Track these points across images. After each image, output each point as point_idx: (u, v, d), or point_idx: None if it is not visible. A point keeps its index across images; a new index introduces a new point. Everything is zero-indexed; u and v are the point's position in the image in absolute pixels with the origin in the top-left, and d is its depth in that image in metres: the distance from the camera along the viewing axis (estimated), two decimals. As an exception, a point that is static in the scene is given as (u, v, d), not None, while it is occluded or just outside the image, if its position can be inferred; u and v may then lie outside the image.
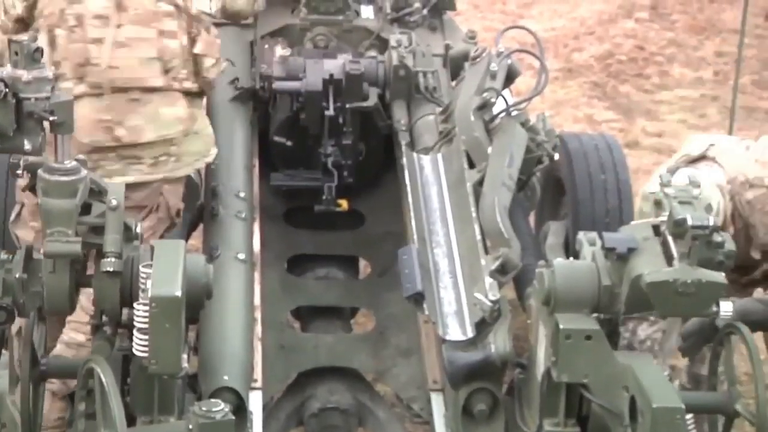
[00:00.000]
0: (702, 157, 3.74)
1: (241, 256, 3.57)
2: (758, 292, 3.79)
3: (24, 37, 2.96)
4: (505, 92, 3.98)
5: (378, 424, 3.50)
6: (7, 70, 2.81)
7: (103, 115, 3.74)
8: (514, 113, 3.84)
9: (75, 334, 3.49)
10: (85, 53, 3.71)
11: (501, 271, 3.20)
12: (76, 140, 3.60)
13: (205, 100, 4.22)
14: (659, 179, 2.84)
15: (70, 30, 3.72)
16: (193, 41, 3.91)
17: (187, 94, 3.89)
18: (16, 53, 2.84)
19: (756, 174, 3.61)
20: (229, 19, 4.40)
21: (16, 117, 2.78)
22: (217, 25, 4.36)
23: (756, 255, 3.67)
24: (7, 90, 2.75)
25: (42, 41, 3.53)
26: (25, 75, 2.78)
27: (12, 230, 3.77)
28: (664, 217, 2.75)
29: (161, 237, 3.69)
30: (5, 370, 2.82)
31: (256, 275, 3.63)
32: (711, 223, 2.66)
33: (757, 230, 3.62)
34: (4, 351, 2.98)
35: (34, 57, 2.83)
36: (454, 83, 4.20)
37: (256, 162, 4.15)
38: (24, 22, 3.78)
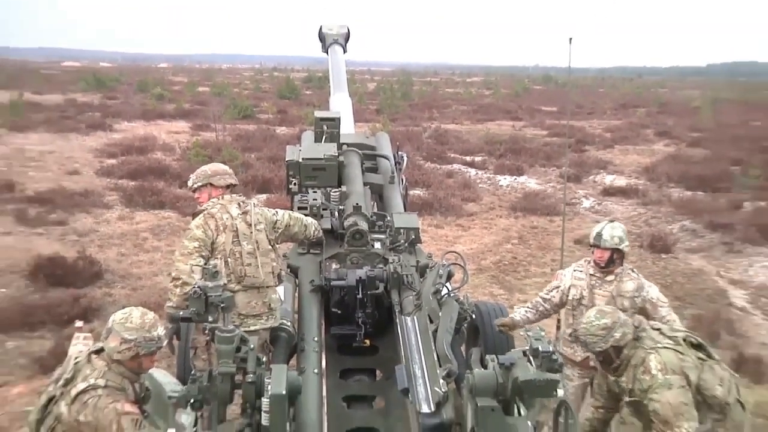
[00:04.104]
0: None
1: (316, 371, 3.50)
2: None
3: (208, 265, 3.04)
4: (448, 284, 3.99)
5: None
6: (201, 282, 2.91)
7: (249, 299, 3.75)
8: (452, 295, 3.84)
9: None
10: (243, 271, 3.73)
11: (447, 376, 3.18)
12: (238, 311, 3.64)
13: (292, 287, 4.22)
14: (525, 336, 2.83)
15: (235, 259, 3.73)
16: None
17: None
18: (205, 273, 2.95)
19: None
20: (289, 240, 4.28)
21: (204, 305, 2.87)
22: (302, 254, 4.37)
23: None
24: (201, 292, 2.85)
25: (219, 264, 3.60)
26: (210, 284, 2.87)
27: (192, 362, 3.71)
28: (527, 347, 2.76)
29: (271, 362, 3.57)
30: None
31: (324, 381, 3.55)
32: (551, 350, 2.69)
33: None
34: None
35: (214, 275, 2.92)
36: (421, 280, 4.13)
37: (323, 321, 4.04)
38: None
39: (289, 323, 3.92)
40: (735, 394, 3.19)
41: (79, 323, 6.15)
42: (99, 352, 2.83)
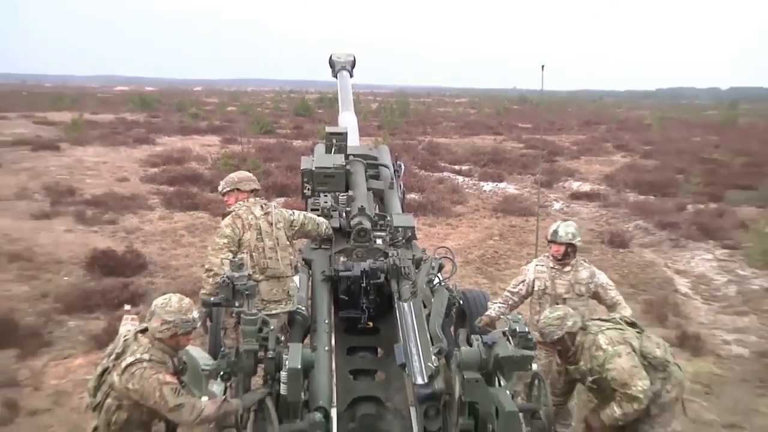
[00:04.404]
0: None
1: (326, 348, 3.46)
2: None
3: (235, 259, 3.00)
4: (439, 275, 3.95)
5: (389, 422, 3.31)
6: (229, 273, 2.88)
7: (271, 287, 3.71)
8: (443, 284, 3.81)
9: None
10: (266, 264, 3.71)
11: (439, 353, 3.16)
12: (261, 297, 3.59)
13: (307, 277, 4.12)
14: (505, 319, 2.82)
15: (259, 253, 3.72)
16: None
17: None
18: (233, 265, 2.92)
19: None
20: (304, 237, 4.20)
21: (232, 292, 2.86)
22: (315, 249, 4.30)
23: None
24: (230, 281, 2.84)
25: (245, 257, 3.51)
26: (236, 274, 2.86)
27: (222, 341, 3.69)
28: (506, 328, 2.77)
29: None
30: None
31: (333, 357, 3.51)
32: (526, 330, 2.69)
33: None
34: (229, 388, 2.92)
35: (240, 266, 2.91)
36: (417, 271, 4.04)
37: (332, 306, 3.98)
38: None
39: (303, 308, 3.89)
40: (671, 357, 3.26)
41: (127, 307, 6.16)
42: (144, 331, 2.83)
